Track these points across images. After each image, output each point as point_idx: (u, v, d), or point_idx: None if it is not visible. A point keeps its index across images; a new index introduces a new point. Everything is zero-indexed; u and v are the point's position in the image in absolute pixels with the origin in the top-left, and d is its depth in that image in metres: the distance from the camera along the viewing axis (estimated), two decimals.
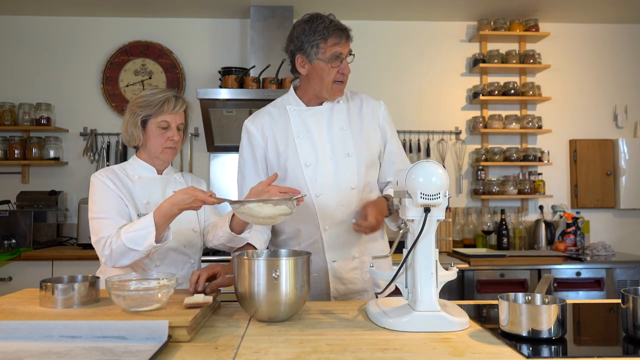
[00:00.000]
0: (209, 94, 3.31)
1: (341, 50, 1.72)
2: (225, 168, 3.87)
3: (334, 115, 1.80)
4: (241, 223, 1.65)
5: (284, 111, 1.82)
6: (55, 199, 3.66)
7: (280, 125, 1.80)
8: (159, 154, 1.73)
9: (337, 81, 1.75)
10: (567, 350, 1.11)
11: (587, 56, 4.09)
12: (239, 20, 3.96)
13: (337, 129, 1.78)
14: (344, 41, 1.73)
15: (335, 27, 1.71)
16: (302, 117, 1.79)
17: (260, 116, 1.84)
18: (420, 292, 1.28)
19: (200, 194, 1.46)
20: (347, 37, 1.74)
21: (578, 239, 3.70)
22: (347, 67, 1.75)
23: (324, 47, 1.70)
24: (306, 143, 1.76)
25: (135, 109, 1.70)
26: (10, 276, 3.19)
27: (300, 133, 1.77)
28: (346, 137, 1.77)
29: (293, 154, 1.75)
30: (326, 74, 1.73)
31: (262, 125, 1.81)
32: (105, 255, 1.55)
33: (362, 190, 1.75)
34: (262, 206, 1.43)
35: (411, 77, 4.00)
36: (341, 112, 1.82)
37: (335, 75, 1.73)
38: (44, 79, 3.89)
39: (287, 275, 1.29)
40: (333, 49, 1.70)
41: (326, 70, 1.72)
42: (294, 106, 1.81)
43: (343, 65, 1.74)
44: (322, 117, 1.79)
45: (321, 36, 1.70)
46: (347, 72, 1.76)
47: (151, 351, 1.00)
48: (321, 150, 1.75)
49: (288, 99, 1.85)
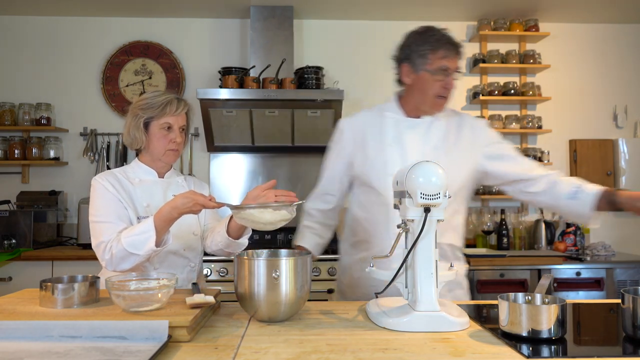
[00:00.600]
0: (209, 94, 3.31)
1: (448, 65, 1.69)
2: (226, 168, 3.87)
3: (431, 131, 1.77)
4: (239, 228, 1.66)
5: (380, 118, 1.81)
6: (55, 199, 3.67)
7: (374, 130, 1.80)
8: (162, 156, 1.73)
9: (439, 96, 1.72)
10: (567, 350, 1.11)
11: (587, 56, 4.09)
12: (239, 20, 3.96)
13: (430, 146, 1.75)
14: (452, 55, 1.70)
15: (447, 41, 1.70)
16: (398, 127, 1.78)
17: (356, 119, 1.86)
18: (420, 292, 1.28)
19: (200, 198, 1.47)
20: (456, 53, 1.71)
21: (578, 239, 3.70)
22: (451, 83, 1.71)
23: (432, 59, 1.69)
24: (396, 152, 1.74)
25: (138, 112, 1.70)
26: (10, 276, 3.19)
27: (392, 142, 1.76)
28: (438, 156, 1.71)
29: (381, 161, 1.75)
30: (430, 86, 1.71)
31: (355, 127, 1.83)
32: (106, 260, 1.56)
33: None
34: (263, 212, 1.44)
35: None
36: (439, 129, 1.78)
37: (438, 90, 1.71)
38: (44, 79, 3.89)
39: (287, 275, 1.29)
40: (441, 62, 1.68)
41: (430, 82, 1.71)
42: (392, 114, 1.81)
43: (448, 79, 1.70)
44: (418, 130, 1.77)
45: (431, 47, 1.69)
46: (450, 88, 1.72)
47: (151, 351, 1.00)
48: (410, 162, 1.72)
49: (388, 106, 1.84)
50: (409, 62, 1.73)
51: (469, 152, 1.78)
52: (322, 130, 3.60)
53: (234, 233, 1.67)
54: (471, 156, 1.78)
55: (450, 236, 1.78)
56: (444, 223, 1.65)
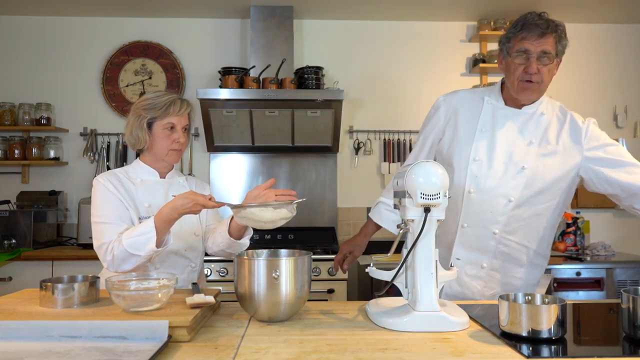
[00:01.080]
0: (209, 94, 3.31)
1: (528, 47, 1.59)
2: (225, 168, 3.87)
3: (529, 125, 1.69)
4: (240, 228, 1.67)
5: (479, 101, 1.75)
6: (55, 199, 3.66)
7: (470, 112, 1.74)
8: (165, 156, 1.73)
9: (523, 80, 1.62)
10: (567, 350, 1.11)
11: (587, 56, 4.09)
12: (239, 20, 3.96)
13: (526, 140, 1.67)
14: (535, 37, 1.58)
15: (531, 22, 1.59)
16: (494, 113, 1.71)
17: (453, 96, 1.80)
18: (420, 292, 1.28)
19: (200, 198, 1.47)
20: (540, 35, 1.58)
21: (578, 239, 3.69)
22: (533, 67, 1.59)
23: (514, 42, 1.62)
24: (486, 139, 1.68)
25: (141, 112, 1.70)
26: (10, 276, 3.18)
27: (485, 127, 1.70)
28: (530, 151, 1.65)
29: (467, 145, 1.69)
30: (512, 70, 1.64)
31: (451, 104, 1.78)
32: (108, 261, 1.56)
33: (519, 206, 1.65)
34: (263, 210, 1.44)
35: (411, 77, 4.00)
36: (539, 125, 1.69)
37: (520, 74, 1.62)
38: (44, 79, 3.89)
39: (287, 275, 1.29)
40: (521, 43, 1.60)
41: (512, 66, 1.63)
42: (492, 100, 1.74)
43: (529, 63, 1.59)
44: (515, 121, 1.69)
45: (514, 30, 1.62)
46: (532, 72, 1.60)
47: (151, 351, 1.00)
48: (498, 153, 1.66)
49: (491, 90, 1.77)
50: (501, 47, 1.69)
51: (567, 154, 1.67)
52: (322, 130, 3.60)
53: (235, 233, 1.68)
54: (570, 159, 1.67)
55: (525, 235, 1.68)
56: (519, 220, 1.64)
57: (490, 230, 1.66)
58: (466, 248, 1.70)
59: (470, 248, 1.70)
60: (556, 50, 1.62)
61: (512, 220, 1.65)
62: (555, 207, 1.70)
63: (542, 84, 1.64)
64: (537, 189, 1.65)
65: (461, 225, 1.69)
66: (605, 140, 1.71)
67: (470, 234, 1.69)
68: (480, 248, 1.68)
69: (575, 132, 1.70)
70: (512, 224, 1.66)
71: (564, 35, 1.63)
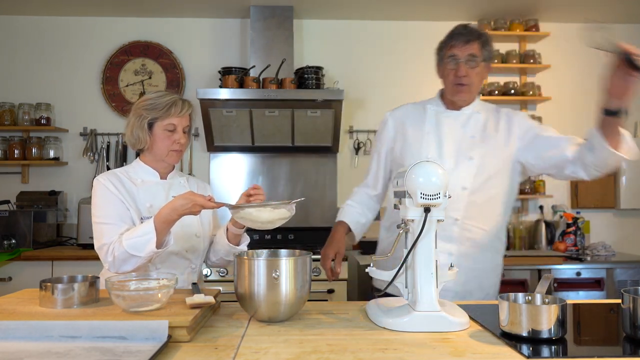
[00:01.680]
0: (209, 94, 3.31)
1: (456, 52, 1.77)
2: (226, 168, 3.87)
3: (469, 123, 1.85)
4: (237, 235, 1.72)
5: (422, 110, 1.92)
6: (55, 199, 3.66)
7: (415, 121, 1.90)
8: (165, 157, 1.73)
9: (456, 84, 1.80)
10: (567, 350, 1.11)
11: (587, 56, 4.08)
12: (239, 20, 3.96)
13: (467, 135, 1.83)
14: (462, 44, 1.77)
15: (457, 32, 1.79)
16: (437, 117, 1.87)
17: (399, 109, 1.98)
18: (420, 292, 1.28)
19: (199, 198, 1.47)
20: (466, 41, 1.77)
21: (578, 239, 3.70)
22: (461, 70, 1.77)
23: (445, 50, 1.82)
24: (433, 139, 1.83)
25: (142, 112, 1.69)
26: (10, 276, 3.18)
27: (431, 130, 1.85)
28: (474, 144, 1.82)
29: (418, 148, 1.84)
30: (446, 75, 1.83)
31: (397, 116, 1.95)
32: (108, 262, 1.56)
33: (474, 193, 1.78)
34: (261, 210, 1.45)
35: (411, 77, 3.99)
36: (477, 122, 1.86)
37: (452, 78, 1.80)
38: (44, 79, 3.89)
39: (287, 275, 1.29)
40: (450, 50, 1.79)
41: (446, 72, 1.82)
42: (434, 107, 1.91)
43: (458, 67, 1.77)
44: (456, 121, 1.86)
45: (445, 40, 1.82)
46: (462, 74, 1.78)
47: (151, 351, 1.00)
48: (446, 149, 1.81)
49: (431, 100, 1.94)
50: (436, 57, 1.88)
51: (505, 143, 1.83)
52: (322, 130, 3.60)
53: (233, 240, 1.74)
54: (508, 147, 1.83)
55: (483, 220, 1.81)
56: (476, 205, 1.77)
57: (452, 218, 1.77)
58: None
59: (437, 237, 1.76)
60: (482, 56, 1.80)
61: (469, 207, 1.78)
62: (504, 193, 1.85)
63: (473, 86, 1.82)
64: (486, 176, 1.79)
65: None
66: (535, 128, 1.86)
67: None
68: (447, 236, 1.77)
69: (509, 124, 1.86)
70: (470, 209, 1.78)
71: (488, 42, 1.82)
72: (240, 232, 1.73)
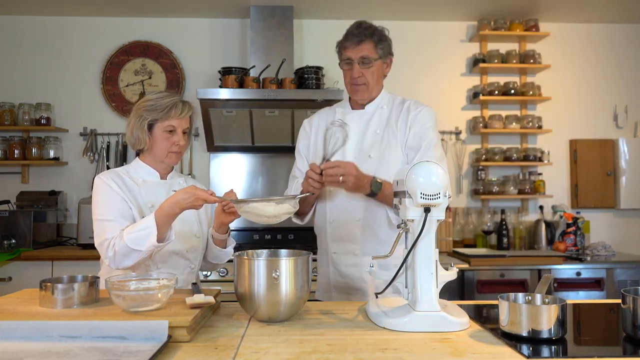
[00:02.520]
0: (209, 94, 3.31)
1: (349, 55, 1.80)
2: (225, 168, 3.87)
3: (373, 119, 1.88)
4: (222, 240, 1.77)
5: (332, 112, 1.96)
6: (55, 199, 3.66)
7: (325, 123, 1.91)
8: (164, 158, 1.73)
9: (352, 84, 1.84)
10: (567, 350, 1.11)
11: (587, 56, 4.09)
12: (239, 20, 3.96)
13: (371, 132, 1.86)
14: (354, 45, 1.79)
15: (349, 33, 1.81)
16: (343, 117, 1.90)
17: (314, 116, 2.03)
18: (420, 292, 1.28)
19: (201, 193, 1.47)
20: (358, 42, 1.78)
21: (578, 239, 3.70)
22: (355, 72, 1.80)
23: (341, 51, 1.85)
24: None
25: (142, 113, 1.70)
26: (10, 276, 3.18)
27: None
28: (375, 140, 1.84)
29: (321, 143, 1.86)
30: (345, 76, 1.86)
31: (313, 123, 2.00)
32: (109, 257, 1.56)
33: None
34: (266, 205, 1.45)
35: (411, 77, 4.00)
36: (381, 116, 1.89)
37: (348, 79, 1.84)
38: (44, 79, 3.89)
39: (287, 275, 1.29)
40: (344, 53, 1.82)
41: (345, 73, 1.86)
42: (341, 108, 1.96)
43: (353, 69, 1.81)
44: (361, 120, 1.89)
45: (339, 41, 1.85)
46: (355, 76, 1.81)
47: (151, 351, 1.00)
48: (349, 149, 1.83)
49: (341, 103, 2.00)
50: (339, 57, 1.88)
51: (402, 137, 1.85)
52: None
53: (218, 244, 1.79)
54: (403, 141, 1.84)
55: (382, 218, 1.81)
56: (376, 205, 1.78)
57: (354, 219, 1.81)
58: (338, 241, 1.86)
59: (342, 240, 1.85)
60: (377, 54, 1.81)
61: (370, 207, 1.80)
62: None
63: (370, 85, 1.84)
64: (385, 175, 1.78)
65: (329, 221, 1.86)
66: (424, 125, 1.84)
67: (338, 228, 1.85)
68: (350, 238, 1.82)
69: (407, 114, 1.87)
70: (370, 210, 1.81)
71: (382, 39, 1.82)
72: (224, 238, 1.77)
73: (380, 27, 1.84)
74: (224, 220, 1.70)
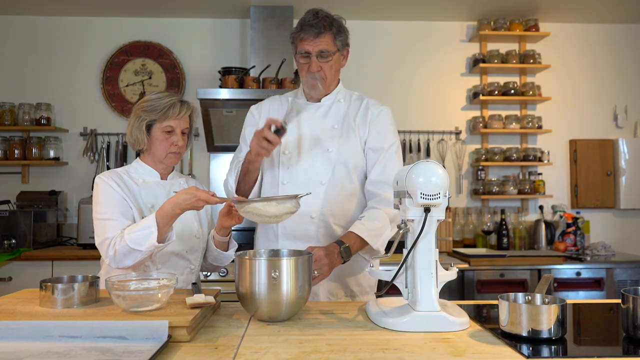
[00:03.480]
0: (209, 94, 3.31)
1: (307, 48, 1.70)
2: (226, 168, 3.85)
3: (329, 113, 1.81)
4: (223, 242, 1.76)
5: (286, 102, 1.86)
6: (55, 199, 3.66)
7: (277, 112, 1.83)
8: (163, 159, 1.73)
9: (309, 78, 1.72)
10: (567, 350, 1.11)
11: (587, 56, 4.09)
12: (239, 20, 3.96)
13: (328, 126, 1.79)
14: (312, 38, 1.69)
15: (306, 23, 1.69)
16: (298, 110, 1.79)
17: (264, 102, 1.91)
18: (420, 292, 1.28)
19: (202, 193, 1.47)
20: (316, 34, 1.68)
21: (578, 239, 3.70)
22: (313, 66, 1.70)
23: (297, 42, 1.73)
24: (293, 133, 1.77)
25: (140, 113, 1.70)
26: (10, 276, 3.18)
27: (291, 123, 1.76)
28: (333, 135, 1.77)
29: None
30: (300, 69, 1.75)
31: (262, 109, 1.89)
32: (109, 256, 1.56)
33: (331, 188, 1.75)
34: (267, 205, 1.44)
35: (411, 77, 4.00)
36: (338, 111, 1.82)
37: (305, 72, 1.73)
38: (44, 79, 3.89)
39: (287, 275, 1.29)
40: (301, 45, 1.71)
41: (300, 66, 1.75)
42: (295, 99, 1.85)
43: (311, 62, 1.70)
44: (317, 113, 1.81)
45: (295, 31, 1.73)
46: (313, 70, 1.70)
47: (151, 351, 1.00)
48: (305, 142, 1.77)
49: (295, 92, 1.90)
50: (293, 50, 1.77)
51: (361, 134, 1.79)
52: None
53: (219, 247, 1.77)
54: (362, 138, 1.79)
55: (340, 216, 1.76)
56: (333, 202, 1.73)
57: (307, 216, 1.73)
58: (289, 238, 1.76)
59: (294, 237, 1.76)
60: (336, 46, 1.73)
61: (326, 202, 1.74)
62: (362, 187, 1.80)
63: (327, 79, 1.75)
64: (344, 170, 1.75)
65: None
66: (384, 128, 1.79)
67: (290, 224, 1.73)
68: (303, 235, 1.74)
69: (366, 111, 1.81)
70: (327, 205, 1.74)
71: (341, 29, 1.73)
72: (225, 240, 1.76)
73: (337, 17, 1.75)
74: (224, 224, 1.69)
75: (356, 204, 1.80)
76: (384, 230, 1.68)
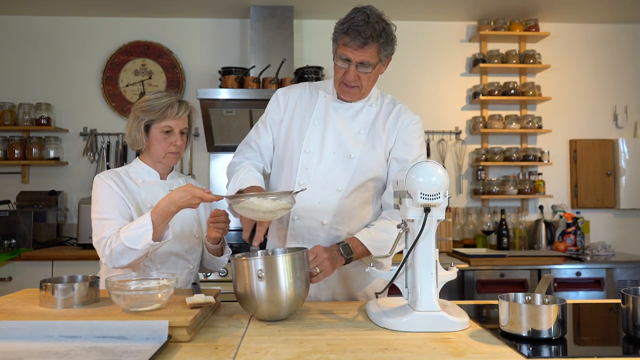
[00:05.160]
0: (209, 94, 3.31)
1: (349, 55, 1.56)
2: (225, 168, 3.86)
3: (359, 116, 1.72)
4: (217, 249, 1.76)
5: (316, 94, 1.76)
6: (55, 199, 3.66)
7: (306, 105, 1.75)
8: (162, 159, 1.73)
9: (343, 83, 1.64)
10: (567, 350, 1.11)
11: (587, 56, 4.09)
12: (239, 20, 3.96)
13: (355, 130, 1.70)
14: (357, 47, 1.54)
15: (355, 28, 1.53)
16: (327, 106, 1.73)
17: (292, 89, 1.80)
18: (420, 292, 1.28)
19: (197, 191, 1.46)
20: (362, 44, 1.53)
21: (578, 239, 3.70)
22: (350, 75, 1.59)
23: (339, 43, 1.59)
24: (317, 131, 1.70)
25: (139, 114, 1.69)
26: (10, 276, 3.18)
27: (317, 120, 1.71)
28: (359, 140, 1.69)
29: (299, 137, 1.70)
30: (336, 71, 1.64)
31: (290, 97, 1.78)
32: (106, 256, 1.55)
33: (347, 196, 1.67)
34: (262, 200, 1.42)
35: (411, 77, 4.00)
36: (368, 115, 1.73)
37: (340, 77, 1.63)
38: (44, 79, 3.89)
39: (285, 272, 1.30)
40: (343, 49, 1.57)
41: (336, 67, 1.63)
42: (325, 93, 1.75)
43: (348, 70, 1.59)
44: (346, 113, 1.72)
45: (340, 28, 1.57)
46: (349, 79, 1.61)
47: (151, 351, 1.00)
48: (328, 143, 1.69)
49: (327, 85, 1.78)
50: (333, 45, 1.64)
51: (388, 140, 1.71)
52: None
53: (213, 252, 1.78)
54: (388, 145, 1.71)
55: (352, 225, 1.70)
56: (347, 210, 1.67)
57: (319, 222, 1.68)
58: (298, 241, 1.71)
59: (302, 241, 1.71)
60: (379, 58, 1.59)
61: (340, 210, 1.68)
62: (377, 195, 1.75)
63: (362, 89, 1.66)
64: (364, 178, 1.68)
65: (292, 218, 1.69)
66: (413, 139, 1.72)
67: (301, 226, 1.69)
68: (311, 240, 1.68)
69: (396, 119, 1.73)
70: (340, 213, 1.68)
71: (389, 40, 1.59)
72: (216, 247, 1.76)
73: (388, 22, 1.59)
74: (210, 235, 1.70)
75: (369, 213, 1.74)
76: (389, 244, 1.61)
